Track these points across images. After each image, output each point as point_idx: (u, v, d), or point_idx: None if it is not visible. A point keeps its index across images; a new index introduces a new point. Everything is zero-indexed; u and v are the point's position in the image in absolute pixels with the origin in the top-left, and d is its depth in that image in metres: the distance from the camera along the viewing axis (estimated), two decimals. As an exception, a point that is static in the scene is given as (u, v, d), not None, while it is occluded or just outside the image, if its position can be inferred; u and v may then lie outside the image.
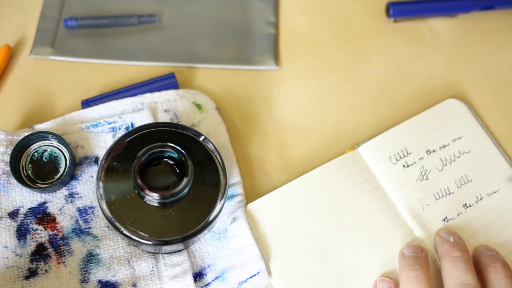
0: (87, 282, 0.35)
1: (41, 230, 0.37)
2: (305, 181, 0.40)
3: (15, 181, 0.37)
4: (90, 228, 0.37)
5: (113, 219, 0.34)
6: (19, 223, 0.37)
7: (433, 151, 0.43)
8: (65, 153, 0.39)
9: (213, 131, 0.42)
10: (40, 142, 0.39)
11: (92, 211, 0.38)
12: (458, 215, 0.40)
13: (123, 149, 0.36)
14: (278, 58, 0.48)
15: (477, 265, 0.36)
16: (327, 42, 0.50)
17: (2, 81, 0.45)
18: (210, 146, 0.37)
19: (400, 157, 0.42)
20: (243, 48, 0.48)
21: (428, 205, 0.41)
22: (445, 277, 0.35)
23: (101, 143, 0.40)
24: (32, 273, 0.35)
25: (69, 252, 0.36)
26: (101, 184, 0.35)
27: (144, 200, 0.34)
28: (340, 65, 0.48)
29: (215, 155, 0.37)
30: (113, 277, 0.35)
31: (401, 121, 0.44)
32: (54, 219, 0.37)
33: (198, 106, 0.43)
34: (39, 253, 0.36)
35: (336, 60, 0.49)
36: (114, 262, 0.36)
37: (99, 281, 0.35)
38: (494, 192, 0.42)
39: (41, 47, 0.46)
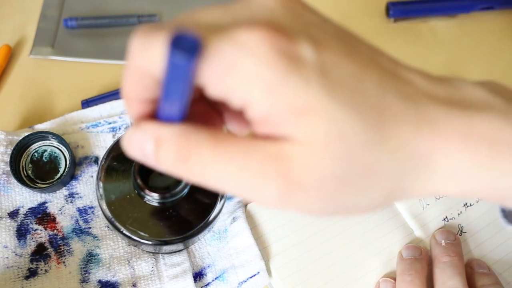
0: (87, 282, 0.35)
1: (41, 230, 0.37)
2: (305, 181, 0.40)
3: (15, 181, 0.37)
4: (90, 228, 0.37)
5: (113, 219, 0.34)
6: (19, 223, 0.37)
7: (433, 151, 0.43)
8: (65, 153, 0.39)
9: (213, 131, 0.42)
10: (40, 142, 0.39)
11: (92, 211, 0.38)
12: (458, 214, 0.40)
13: (123, 149, 0.36)
14: (278, 58, 0.48)
15: (470, 285, 0.36)
16: (327, 42, 0.50)
17: (2, 81, 0.45)
18: (210, 146, 0.37)
19: (400, 157, 0.42)
20: (243, 48, 0.48)
21: (428, 204, 0.40)
22: (434, 282, 0.36)
23: (101, 143, 0.40)
24: (32, 273, 0.35)
25: (69, 252, 0.36)
26: (101, 184, 0.35)
27: (144, 200, 0.34)
28: (340, 65, 0.48)
29: (215, 155, 0.36)
30: (113, 277, 0.35)
31: (401, 121, 0.44)
32: (54, 219, 0.37)
33: (198, 106, 0.43)
34: (39, 253, 0.36)
35: (336, 60, 0.49)
36: (114, 262, 0.36)
37: (99, 281, 0.35)
38: (494, 192, 0.42)
39: (41, 47, 0.46)
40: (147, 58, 0.18)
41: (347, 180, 0.19)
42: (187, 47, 0.16)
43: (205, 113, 0.23)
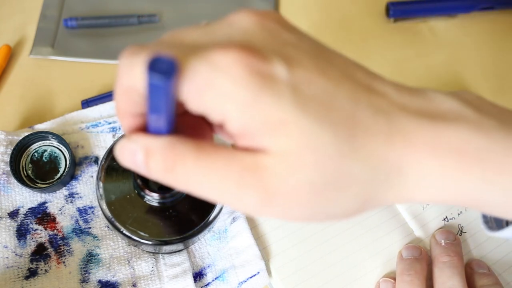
0: (87, 282, 0.35)
1: (41, 230, 0.37)
2: (305, 181, 0.40)
3: (15, 181, 0.37)
4: (90, 228, 0.37)
5: (113, 219, 0.34)
6: (19, 223, 0.37)
7: (433, 151, 0.43)
8: (65, 153, 0.39)
9: (213, 131, 0.42)
10: (40, 142, 0.39)
11: (92, 211, 0.38)
12: (458, 214, 0.40)
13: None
14: (278, 58, 0.48)
15: (470, 285, 0.36)
16: (327, 42, 0.49)
17: (2, 81, 0.45)
18: (210, 146, 0.37)
19: (400, 157, 0.42)
20: (243, 48, 0.48)
21: (428, 204, 0.40)
22: (434, 282, 0.36)
23: (101, 143, 0.40)
24: (32, 273, 0.35)
25: (69, 252, 0.36)
26: (101, 184, 0.35)
27: (144, 200, 0.34)
28: (340, 65, 0.48)
29: (215, 155, 0.37)
30: (113, 277, 0.35)
31: (401, 121, 0.44)
32: (54, 219, 0.37)
33: (198, 106, 0.43)
34: (39, 253, 0.36)
35: (336, 60, 0.49)
36: (114, 262, 0.36)
37: (99, 281, 0.35)
38: (494, 192, 0.42)
39: (41, 47, 0.46)
40: (131, 77, 0.20)
41: (321, 188, 0.20)
42: (163, 70, 0.17)
43: (195, 123, 0.24)
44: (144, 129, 0.22)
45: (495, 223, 0.28)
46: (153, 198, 0.33)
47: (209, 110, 0.19)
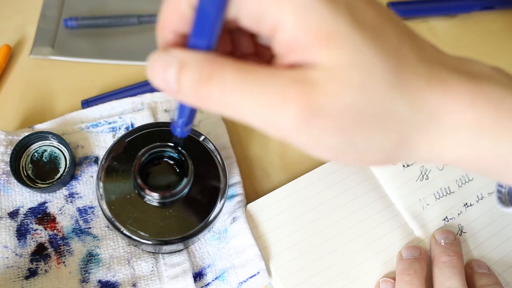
0: (87, 282, 0.35)
1: (41, 230, 0.37)
2: (305, 181, 0.40)
3: (15, 181, 0.37)
4: (90, 228, 0.37)
5: (113, 219, 0.34)
6: (19, 223, 0.37)
7: (433, 151, 0.43)
8: (65, 153, 0.39)
9: (213, 131, 0.42)
10: (40, 142, 0.39)
11: (92, 211, 0.38)
12: (458, 214, 0.40)
13: (123, 149, 0.36)
14: (278, 58, 0.48)
15: (470, 285, 0.36)
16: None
17: (2, 81, 0.45)
18: (210, 146, 0.37)
19: (400, 157, 0.42)
20: (243, 48, 0.48)
21: (428, 204, 0.41)
22: (433, 282, 0.36)
23: (101, 143, 0.40)
24: (32, 273, 0.35)
25: (69, 252, 0.36)
26: (101, 184, 0.35)
27: (144, 200, 0.34)
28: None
29: (215, 155, 0.37)
30: (113, 277, 0.35)
31: (401, 121, 0.44)
32: (54, 219, 0.37)
33: (198, 106, 0.43)
34: (39, 253, 0.36)
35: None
36: (114, 262, 0.36)
37: (99, 281, 0.35)
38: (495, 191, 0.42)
39: (41, 47, 0.46)
40: None
41: (363, 116, 0.19)
42: None
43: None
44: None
45: (509, 200, 0.29)
46: (153, 198, 0.33)
47: (263, 15, 0.19)
